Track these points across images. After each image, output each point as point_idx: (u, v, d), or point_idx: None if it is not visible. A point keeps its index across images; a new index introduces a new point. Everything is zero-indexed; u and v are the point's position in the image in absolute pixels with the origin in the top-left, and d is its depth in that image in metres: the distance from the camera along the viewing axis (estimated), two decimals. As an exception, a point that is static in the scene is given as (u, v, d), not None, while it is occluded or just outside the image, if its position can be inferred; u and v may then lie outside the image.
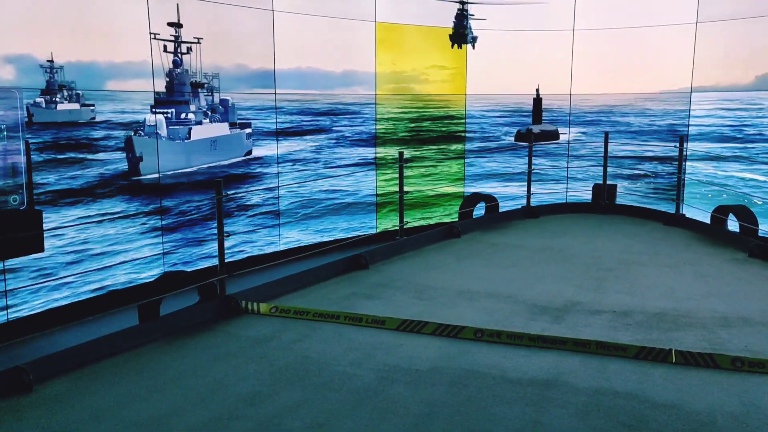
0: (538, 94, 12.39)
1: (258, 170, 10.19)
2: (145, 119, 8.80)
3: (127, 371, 4.34)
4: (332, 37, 10.44)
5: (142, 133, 8.78)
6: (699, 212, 9.26)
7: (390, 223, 10.98)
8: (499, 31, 11.60)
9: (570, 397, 3.90)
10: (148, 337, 4.88)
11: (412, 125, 11.53)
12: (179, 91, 9.32)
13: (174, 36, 8.97)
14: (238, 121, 10.04)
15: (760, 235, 7.84)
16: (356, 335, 4.97)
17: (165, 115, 9.14)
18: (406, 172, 9.22)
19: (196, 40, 9.13)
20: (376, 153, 11.03)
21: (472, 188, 11.78)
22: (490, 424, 3.58)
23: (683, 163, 9.35)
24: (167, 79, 9.08)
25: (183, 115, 9.46)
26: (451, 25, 11.57)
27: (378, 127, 11.00)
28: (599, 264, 6.97)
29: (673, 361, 4.38)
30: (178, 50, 9.08)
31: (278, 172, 10.14)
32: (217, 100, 9.84)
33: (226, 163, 9.95)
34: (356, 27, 10.46)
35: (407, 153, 10.70)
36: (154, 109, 8.89)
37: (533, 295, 5.92)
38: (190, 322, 5.20)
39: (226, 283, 5.68)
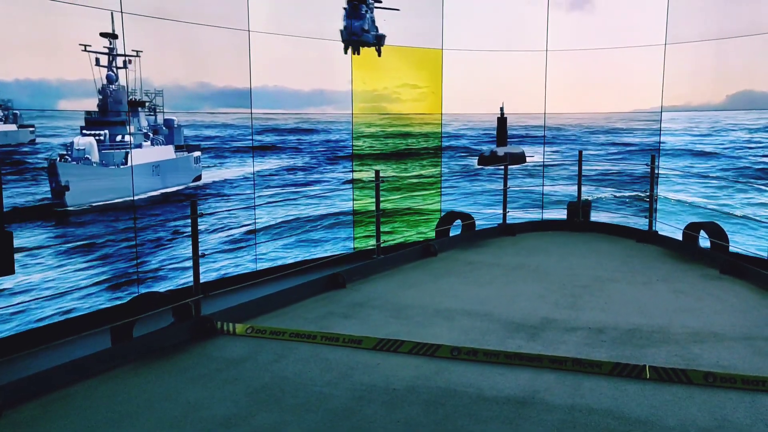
0: (502, 113, 12.01)
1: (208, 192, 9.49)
2: (72, 142, 7.85)
3: (99, 395, 4.26)
4: (299, 56, 10.24)
5: (69, 158, 7.82)
6: (671, 229, 9.43)
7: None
8: (473, 51, 11.74)
9: (546, 414, 3.92)
10: (120, 360, 4.81)
11: (388, 144, 11.55)
12: (114, 110, 8.35)
13: (108, 48, 8.02)
14: (189, 143, 9.21)
15: (730, 251, 7.98)
16: (333, 355, 4.95)
17: (97, 138, 8.15)
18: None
19: (134, 53, 8.26)
20: (353, 171, 11.06)
21: (448, 206, 11.84)
22: (467, 443, 3.58)
23: (655, 181, 9.52)
24: (100, 97, 8.11)
25: (119, 138, 8.48)
26: (341, 26, 10.49)
27: (354, 145, 11.04)
28: (574, 281, 7.04)
29: (647, 377, 4.43)
30: (113, 64, 8.16)
31: (254, 194, 9.95)
32: (161, 120, 8.94)
33: (171, 190, 9.03)
34: (325, 46, 10.39)
35: (383, 172, 10.72)
36: (84, 131, 7.98)
37: (509, 313, 5.95)
38: (164, 344, 5.14)
39: (201, 304, 5.63)
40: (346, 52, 10.51)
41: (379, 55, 10.85)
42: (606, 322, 5.63)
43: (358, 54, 10.53)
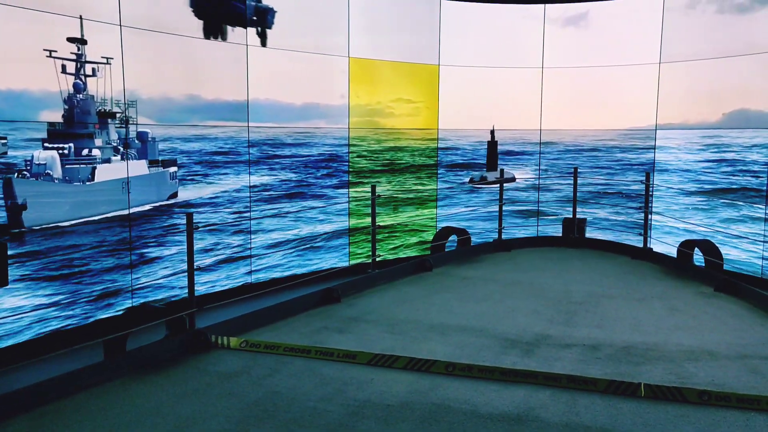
0: (493, 137, 11.76)
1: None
2: (32, 156, 7.17)
3: (90, 409, 4.22)
4: (291, 69, 10.04)
5: (28, 174, 7.14)
6: (666, 246, 9.45)
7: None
8: (469, 67, 11.80)
9: (541, 432, 3.90)
10: (113, 374, 4.77)
11: (383, 158, 11.55)
12: (81, 121, 7.66)
13: (76, 54, 7.37)
14: (165, 159, 8.49)
15: (725, 269, 8.00)
16: (327, 370, 4.92)
17: (60, 151, 7.47)
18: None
19: (105, 60, 7.58)
20: (348, 186, 11.06)
21: (444, 222, 11.85)
22: (461, 461, 3.55)
23: (650, 198, 9.56)
24: (66, 107, 7.43)
25: (85, 152, 7.79)
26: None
27: (350, 160, 11.05)
28: (569, 297, 7.04)
29: (642, 395, 4.42)
30: (81, 72, 7.47)
31: (250, 207, 9.83)
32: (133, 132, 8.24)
33: (145, 208, 8.30)
34: (318, 59, 10.37)
35: (378, 189, 10.69)
36: (45, 144, 7.30)
37: (504, 328, 5.94)
38: (157, 357, 5.10)
39: (195, 317, 5.60)
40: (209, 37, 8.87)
41: (263, 42, 9.35)
42: (601, 339, 5.63)
43: (224, 39, 8.91)
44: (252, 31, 9.27)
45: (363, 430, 3.91)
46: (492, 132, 11.81)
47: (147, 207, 8.44)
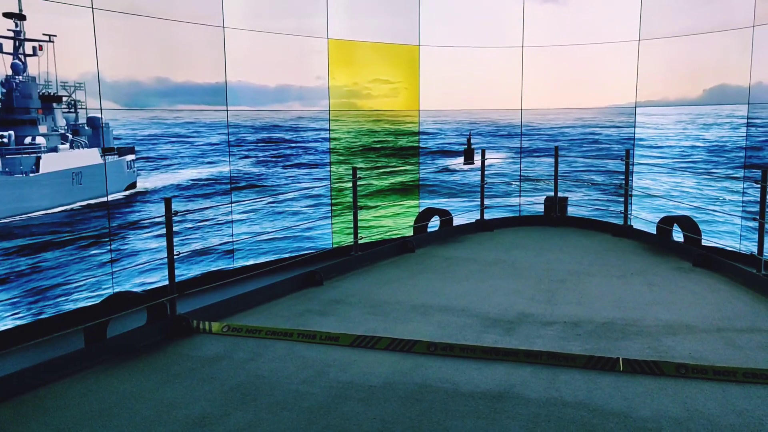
0: (469, 144, 11.59)
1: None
2: None
3: (71, 396, 4.20)
4: (263, 51, 9.78)
5: None
6: (646, 223, 9.53)
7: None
8: (449, 47, 11.75)
9: (521, 408, 3.94)
10: (94, 361, 4.74)
11: (364, 141, 11.49)
12: (22, 106, 7.00)
13: (13, 32, 6.72)
14: (121, 147, 7.81)
15: (703, 244, 8.10)
16: (309, 352, 4.93)
17: None
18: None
19: (47, 38, 6.90)
20: (330, 169, 11.01)
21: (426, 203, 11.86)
22: (442, 438, 3.58)
23: (630, 176, 9.63)
24: (3, 90, 6.82)
25: (28, 140, 7.15)
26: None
27: (331, 141, 10.99)
28: (550, 276, 7.09)
29: (621, 369, 4.48)
30: (20, 51, 6.85)
31: (230, 192, 9.67)
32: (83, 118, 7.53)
33: (95, 201, 7.60)
34: (291, 40, 10.17)
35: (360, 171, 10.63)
36: None
37: (486, 308, 5.98)
38: (139, 343, 5.08)
39: (176, 303, 5.58)
40: None
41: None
42: (581, 316, 5.68)
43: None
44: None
45: (345, 412, 3.92)
46: (468, 138, 11.80)
47: (99, 200, 7.72)
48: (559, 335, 5.22)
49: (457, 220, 9.86)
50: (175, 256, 5.53)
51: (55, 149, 7.39)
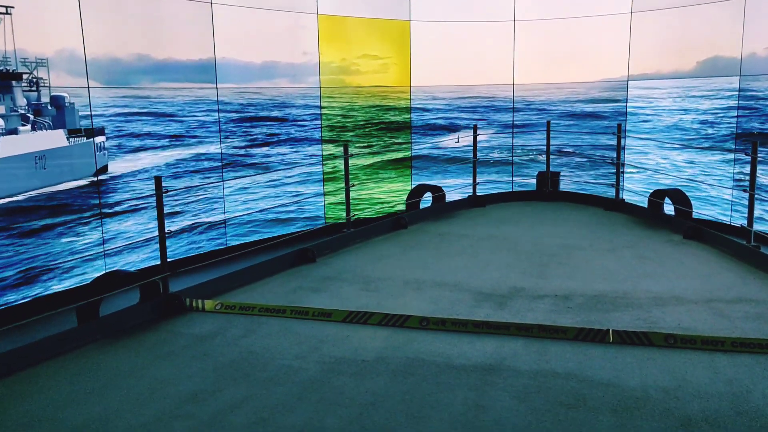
0: (475, 141, 11.55)
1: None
2: None
3: (64, 374, 4.22)
4: (249, 27, 9.44)
5: None
6: (637, 196, 9.56)
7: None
8: (441, 22, 11.63)
9: (512, 380, 3.98)
10: (86, 339, 4.76)
11: (356, 118, 11.41)
12: None
13: None
14: (88, 127, 7.22)
15: (694, 217, 8.14)
16: (302, 328, 4.96)
17: None
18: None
19: (4, 9, 6.24)
20: (322, 148, 10.96)
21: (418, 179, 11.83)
22: (433, 411, 3.62)
23: (622, 150, 9.63)
24: None
25: None
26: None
27: (323, 117, 10.92)
28: (542, 250, 7.12)
29: (611, 340, 4.53)
30: None
31: (222, 173, 9.53)
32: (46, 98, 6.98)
33: (65, 187, 7.06)
34: (277, 15, 9.90)
35: (352, 148, 10.59)
36: None
37: (478, 282, 6.01)
38: (131, 322, 5.09)
39: (169, 281, 5.58)
40: None
41: None
42: (572, 289, 5.72)
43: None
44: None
45: (338, 386, 3.96)
46: (457, 140, 11.76)
47: (66, 186, 7.18)
48: (551, 308, 5.26)
49: (450, 196, 9.87)
50: (166, 234, 5.52)
51: (15, 131, 6.88)
